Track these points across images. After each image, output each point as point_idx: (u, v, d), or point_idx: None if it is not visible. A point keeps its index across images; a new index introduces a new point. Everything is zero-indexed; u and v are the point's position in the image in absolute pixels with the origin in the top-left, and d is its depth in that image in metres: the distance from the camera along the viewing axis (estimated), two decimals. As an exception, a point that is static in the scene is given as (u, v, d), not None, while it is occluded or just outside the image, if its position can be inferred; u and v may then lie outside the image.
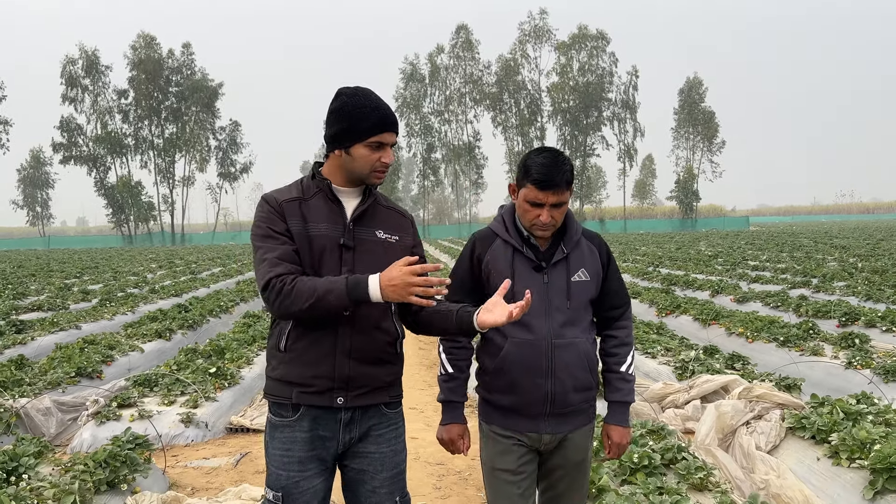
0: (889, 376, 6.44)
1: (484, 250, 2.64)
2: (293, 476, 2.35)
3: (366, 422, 2.42)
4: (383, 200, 2.55)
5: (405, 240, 2.51)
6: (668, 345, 7.88)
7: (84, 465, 4.19)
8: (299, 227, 2.38)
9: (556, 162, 2.50)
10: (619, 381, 2.69)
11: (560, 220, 2.56)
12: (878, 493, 3.88)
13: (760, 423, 4.94)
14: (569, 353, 2.54)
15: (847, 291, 12.66)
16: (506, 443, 2.59)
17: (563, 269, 2.59)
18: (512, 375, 2.54)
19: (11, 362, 7.48)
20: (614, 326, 2.73)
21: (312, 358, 2.34)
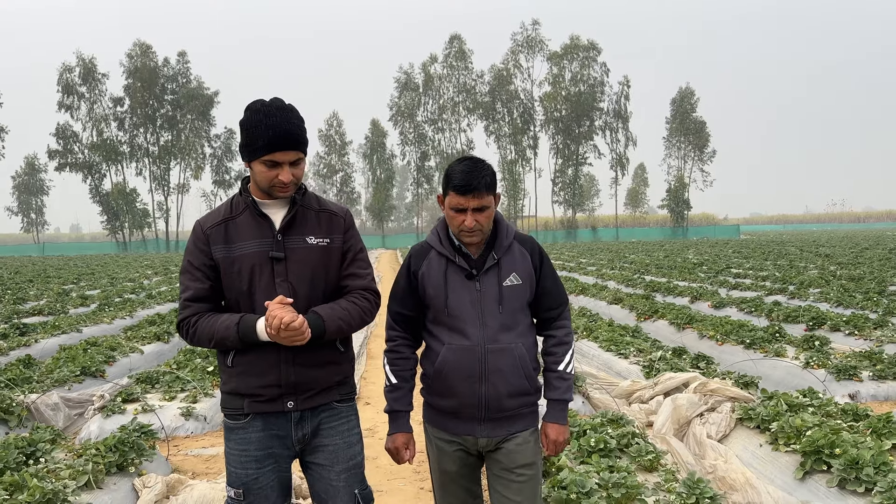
0: (841, 375, 6.93)
1: (419, 264, 2.71)
2: (251, 473, 2.46)
3: (315, 417, 2.51)
4: (314, 203, 2.56)
5: (336, 241, 2.53)
6: (641, 346, 8.35)
7: (95, 450, 4.64)
8: (223, 252, 2.45)
9: (475, 168, 2.57)
10: (556, 380, 2.73)
11: (486, 225, 2.61)
12: (807, 473, 4.36)
13: (713, 414, 5.41)
14: (502, 359, 2.60)
15: (820, 298, 13.17)
16: (447, 448, 2.71)
17: (494, 275, 2.65)
18: (448, 381, 2.62)
19: (19, 361, 7.91)
20: (552, 326, 2.79)
21: (258, 369, 2.42)
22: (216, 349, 2.50)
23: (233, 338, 2.37)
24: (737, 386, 6.35)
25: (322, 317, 2.40)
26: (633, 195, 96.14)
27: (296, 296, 2.43)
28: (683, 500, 3.83)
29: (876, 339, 8.87)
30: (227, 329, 2.37)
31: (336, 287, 2.56)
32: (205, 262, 2.47)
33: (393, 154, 73.83)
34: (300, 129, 2.41)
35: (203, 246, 2.47)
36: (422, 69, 72.29)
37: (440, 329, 2.67)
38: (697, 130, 73.10)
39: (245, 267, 2.43)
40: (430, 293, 2.65)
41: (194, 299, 2.46)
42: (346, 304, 2.49)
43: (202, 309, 2.46)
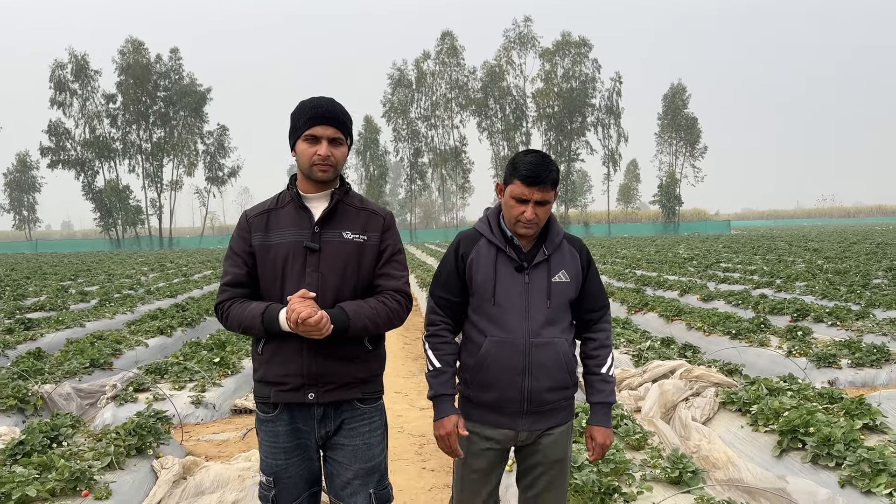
0: (821, 363, 7.26)
1: (468, 249, 2.69)
2: (280, 464, 2.55)
3: (339, 416, 2.55)
4: (356, 202, 2.63)
5: (373, 239, 2.58)
6: (631, 337, 8.66)
7: (115, 434, 4.91)
8: (261, 239, 2.55)
9: (544, 161, 2.59)
10: (599, 383, 2.73)
11: (543, 220, 2.62)
12: (784, 450, 4.68)
13: (697, 399, 5.72)
14: (547, 353, 2.59)
15: (806, 291, 13.53)
16: (481, 444, 2.68)
17: (544, 270, 2.65)
18: (490, 373, 2.60)
19: (30, 354, 8.15)
20: (593, 329, 2.78)
21: (283, 358, 2.49)
22: (246, 335, 2.60)
23: (258, 327, 2.45)
24: (722, 373, 6.66)
25: (348, 313, 2.43)
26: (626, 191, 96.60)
27: (325, 287, 2.48)
28: (668, 473, 4.14)
29: (857, 329, 9.21)
30: (253, 318, 2.45)
31: (368, 285, 2.58)
32: (244, 249, 2.57)
33: (386, 150, 74.07)
34: (342, 112, 2.53)
35: (245, 234, 2.58)
36: (415, 66, 72.52)
37: (483, 319, 2.65)
38: (689, 126, 73.60)
39: (279, 255, 2.51)
40: (478, 280, 2.64)
41: (231, 284, 2.57)
42: (376, 304, 2.51)
43: (238, 294, 2.56)
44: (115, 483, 4.34)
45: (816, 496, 4.00)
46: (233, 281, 2.56)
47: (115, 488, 4.29)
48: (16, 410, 6.33)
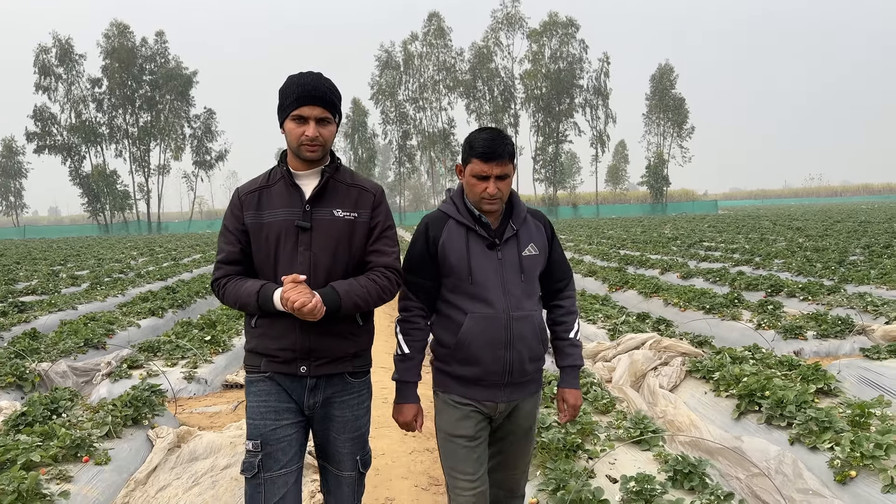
0: (787, 334, 7.59)
1: (438, 232, 2.71)
2: (269, 424, 2.55)
3: (329, 388, 2.60)
4: (347, 178, 2.65)
5: (363, 216, 2.61)
6: (609, 313, 8.98)
7: (112, 405, 5.17)
8: (253, 218, 2.58)
9: (499, 136, 2.64)
10: (569, 348, 2.84)
11: (506, 193, 2.68)
12: (742, 413, 5.00)
13: (665, 367, 6.04)
14: (526, 325, 2.67)
15: (783, 268, 13.89)
16: (464, 409, 2.71)
17: (514, 245, 2.71)
18: (472, 349, 2.64)
19: (26, 335, 8.38)
20: (560, 297, 2.89)
21: (276, 332, 2.53)
22: (242, 311, 2.63)
23: (253, 304, 2.49)
24: (692, 345, 6.98)
25: (339, 293, 2.47)
26: (614, 172, 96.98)
27: (317, 266, 2.52)
28: (630, 433, 4.44)
29: (827, 303, 9.55)
30: (249, 296, 2.49)
31: (360, 261, 2.61)
32: (237, 227, 2.60)
33: (374, 133, 74.01)
34: (330, 90, 2.52)
35: (237, 211, 2.61)
36: (402, 47, 72.31)
37: (461, 298, 2.68)
38: (676, 107, 73.87)
39: (272, 234, 2.54)
40: (451, 261, 2.67)
41: (226, 261, 2.62)
42: (366, 282, 2.54)
43: (233, 271, 2.60)
44: (114, 450, 4.61)
45: (768, 453, 4.31)
46: (227, 258, 2.62)
47: (114, 455, 4.56)
48: (14, 387, 6.58)
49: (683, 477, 3.76)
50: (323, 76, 2.55)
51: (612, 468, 4.03)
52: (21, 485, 3.66)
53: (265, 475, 2.53)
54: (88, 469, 4.29)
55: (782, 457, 4.20)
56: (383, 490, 4.34)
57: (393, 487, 4.38)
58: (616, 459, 4.19)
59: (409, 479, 4.51)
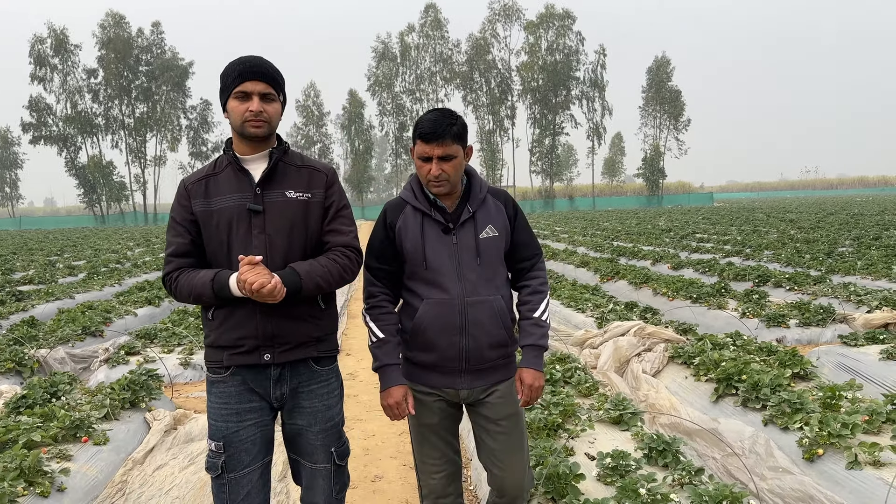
0: (770, 322, 7.77)
1: (395, 217, 2.70)
2: (231, 426, 2.49)
3: (295, 378, 2.54)
4: (297, 160, 2.60)
5: (317, 196, 2.55)
6: (597, 302, 9.15)
7: (110, 389, 5.33)
8: (202, 206, 2.50)
9: (442, 116, 2.58)
10: (531, 327, 2.74)
11: (453, 176, 2.61)
12: (720, 396, 5.17)
13: (649, 353, 6.21)
14: (482, 311, 2.62)
15: (772, 259, 14.07)
16: (427, 399, 2.71)
17: (470, 228, 2.66)
18: (427, 335, 2.63)
19: (24, 322, 8.53)
20: (526, 277, 2.81)
21: (237, 321, 2.46)
22: (197, 304, 2.56)
23: (209, 294, 2.42)
24: (677, 332, 7.15)
25: (299, 273, 2.42)
26: (610, 164, 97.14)
27: (273, 249, 2.47)
28: (610, 415, 4.61)
29: (812, 293, 9.74)
30: (203, 286, 2.42)
31: (317, 242, 2.57)
32: (186, 218, 2.52)
33: (371, 125, 74.01)
34: (271, 68, 2.48)
35: (185, 202, 2.53)
36: (399, 39, 72.24)
37: (418, 284, 2.67)
38: (673, 100, 73.92)
39: (223, 220, 2.47)
40: (407, 247, 2.66)
41: (176, 254, 2.53)
42: (326, 262, 2.49)
43: (184, 264, 2.52)
44: (112, 431, 4.77)
45: (743, 434, 4.48)
46: (177, 251, 2.54)
47: (112, 436, 4.72)
48: (14, 373, 6.73)
49: (658, 454, 3.93)
50: (264, 57, 2.51)
51: (592, 447, 4.20)
52: (23, 462, 3.81)
53: (229, 476, 2.50)
54: (87, 449, 4.45)
55: (756, 437, 4.37)
56: (373, 468, 4.51)
57: (382, 466, 4.55)
58: (596, 439, 4.36)
59: (398, 458, 4.68)
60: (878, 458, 3.75)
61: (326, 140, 75.06)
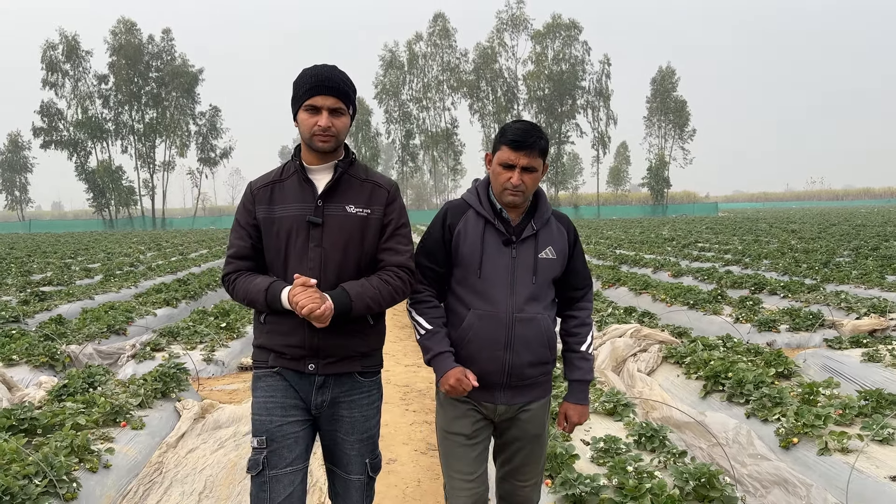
0: (762, 327, 8.16)
1: (456, 219, 2.65)
2: (276, 420, 2.49)
3: (338, 387, 2.54)
4: (361, 173, 2.58)
5: (376, 212, 2.54)
6: (598, 307, 9.55)
7: (143, 380, 5.76)
8: (265, 212, 2.53)
9: (532, 127, 2.56)
10: (579, 361, 2.72)
11: (530, 188, 2.58)
12: (708, 392, 5.58)
13: (644, 354, 6.61)
14: (529, 328, 2.57)
15: (770, 268, 14.46)
16: (461, 408, 2.65)
17: (531, 246, 2.62)
18: (472, 346, 2.57)
19: (52, 320, 8.97)
20: (575, 307, 2.77)
21: (285, 329, 2.48)
22: (250, 308, 2.64)
23: (261, 302, 2.46)
24: (672, 335, 7.55)
25: (350, 296, 2.41)
26: (616, 173, 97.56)
27: (327, 262, 2.47)
28: (605, 407, 5.02)
29: (805, 300, 10.12)
30: (257, 293, 2.46)
31: (372, 259, 2.55)
32: (249, 222, 2.55)
33: (378, 132, 74.63)
34: (343, 81, 2.48)
35: (249, 206, 2.56)
36: (406, 47, 72.92)
37: (467, 292, 2.62)
38: (678, 109, 74.40)
39: (283, 229, 2.49)
40: (464, 252, 2.61)
41: (237, 256, 2.58)
42: (378, 283, 2.48)
43: (243, 266, 2.56)
44: (147, 418, 5.19)
45: (727, 425, 4.87)
46: (238, 253, 2.58)
47: (147, 422, 5.14)
48: (47, 367, 7.16)
49: (647, 440, 4.34)
50: (337, 68, 2.51)
51: (587, 434, 4.60)
52: (73, 441, 4.23)
53: (270, 472, 2.46)
54: (126, 432, 4.87)
55: (739, 428, 4.77)
56: (387, 453, 4.92)
57: (395, 450, 4.96)
58: (591, 427, 4.76)
59: (409, 444, 5.09)
60: (846, 445, 4.14)
61: (333, 147, 75.57)
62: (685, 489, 3.55)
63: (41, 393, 5.72)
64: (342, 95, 2.46)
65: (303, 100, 2.44)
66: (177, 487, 4.36)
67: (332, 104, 2.44)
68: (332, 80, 2.43)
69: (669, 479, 3.78)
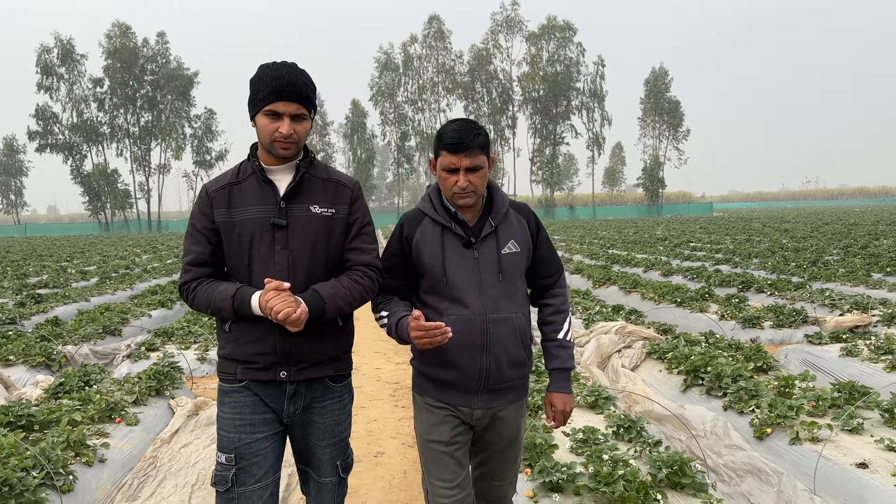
0: (746, 324, 8.32)
1: (412, 230, 2.61)
2: (244, 438, 2.41)
3: (310, 394, 2.49)
4: (322, 173, 2.51)
5: (341, 212, 2.49)
6: (587, 306, 9.71)
7: (138, 378, 5.90)
8: (224, 216, 2.42)
9: (467, 126, 2.50)
10: (557, 349, 2.68)
11: (480, 187, 2.53)
12: (688, 386, 5.73)
13: (628, 350, 6.76)
14: (503, 329, 2.53)
15: (759, 266, 14.63)
16: (439, 414, 2.60)
17: (492, 243, 2.57)
18: (448, 352, 2.52)
19: (48, 322, 9.10)
20: (548, 295, 2.74)
21: (254, 336, 2.40)
22: (214, 317, 2.48)
23: (228, 309, 2.35)
24: (657, 332, 7.71)
25: (323, 298, 2.36)
26: (611, 174, 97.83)
27: (296, 265, 2.41)
28: (587, 400, 5.17)
29: (791, 298, 10.29)
30: (223, 300, 2.36)
31: (339, 258, 2.51)
32: (207, 226, 2.44)
33: (373, 134, 74.74)
34: (305, 85, 2.37)
35: (206, 209, 2.44)
36: (402, 49, 73.10)
37: (438, 300, 2.57)
38: (671, 110, 74.63)
39: (245, 232, 2.40)
40: (426, 261, 2.56)
41: (195, 263, 2.45)
42: (349, 283, 2.44)
43: (203, 273, 2.45)
44: (141, 414, 5.34)
45: (705, 418, 5.03)
46: (196, 260, 2.46)
47: (142, 418, 5.28)
48: (43, 367, 7.28)
49: (625, 430, 4.49)
50: (297, 67, 2.40)
51: (569, 426, 4.75)
52: (70, 436, 4.37)
53: (238, 490, 2.42)
54: (121, 428, 5.01)
55: (716, 420, 4.93)
56: (375, 446, 5.07)
57: (383, 444, 5.10)
58: (573, 420, 4.91)
59: (397, 438, 5.24)
60: (816, 435, 4.30)
61: (329, 149, 75.80)
62: (658, 476, 3.69)
63: (38, 391, 5.86)
64: (304, 100, 2.37)
65: (263, 104, 2.34)
66: (171, 480, 4.49)
67: (295, 111, 2.35)
68: (294, 84, 2.33)
69: (644, 467, 3.93)
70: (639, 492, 3.42)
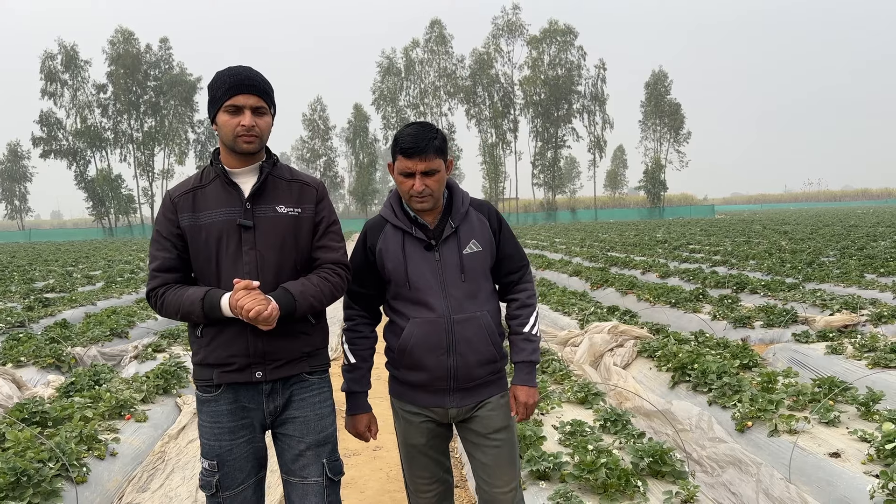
0: (737, 324, 8.53)
1: (375, 238, 2.64)
2: (225, 445, 2.45)
3: (287, 389, 2.50)
4: (286, 174, 2.54)
5: (307, 211, 2.50)
6: (583, 307, 9.92)
7: (146, 377, 6.12)
8: (189, 220, 2.42)
9: (422, 130, 2.52)
10: (522, 342, 2.70)
11: (437, 190, 2.55)
12: (676, 383, 5.94)
13: (620, 349, 6.97)
14: (469, 328, 2.56)
15: (755, 268, 14.83)
16: (414, 420, 2.66)
17: (454, 244, 2.60)
18: (415, 355, 2.56)
19: (57, 324, 9.33)
20: (514, 290, 2.76)
21: (226, 338, 2.40)
22: (184, 321, 2.50)
23: (198, 313, 2.35)
24: (650, 332, 7.91)
25: (293, 295, 2.38)
26: (612, 177, 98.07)
27: (264, 266, 2.43)
28: (577, 396, 5.38)
29: (783, 298, 10.49)
30: (192, 304, 2.36)
31: (307, 258, 2.53)
32: (172, 232, 2.45)
33: (376, 138, 75.11)
34: (263, 80, 2.43)
35: (171, 215, 2.45)
36: (403, 53, 73.47)
37: (403, 303, 2.61)
38: (672, 113, 74.90)
39: (212, 235, 2.41)
40: (389, 268, 2.60)
41: (162, 269, 2.46)
42: (318, 281, 2.46)
43: (170, 279, 2.46)
44: (150, 411, 5.56)
45: (691, 413, 5.23)
46: (163, 266, 2.46)
47: (150, 415, 5.50)
48: (54, 367, 7.52)
49: (611, 423, 4.70)
50: (254, 69, 2.45)
51: (559, 420, 4.96)
52: (82, 431, 4.59)
53: (224, 494, 2.48)
54: (131, 425, 5.23)
55: (701, 415, 5.13)
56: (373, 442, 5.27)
57: (381, 439, 5.27)
58: (563, 414, 5.12)
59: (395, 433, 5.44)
60: (793, 427, 4.51)
61: (332, 153, 76.22)
62: (640, 465, 3.91)
63: (49, 391, 6.09)
64: (263, 94, 2.41)
65: (222, 100, 2.37)
66: (178, 473, 4.71)
67: (255, 103, 2.38)
68: (252, 79, 2.39)
69: (627, 457, 4.14)
70: (620, 479, 3.63)
